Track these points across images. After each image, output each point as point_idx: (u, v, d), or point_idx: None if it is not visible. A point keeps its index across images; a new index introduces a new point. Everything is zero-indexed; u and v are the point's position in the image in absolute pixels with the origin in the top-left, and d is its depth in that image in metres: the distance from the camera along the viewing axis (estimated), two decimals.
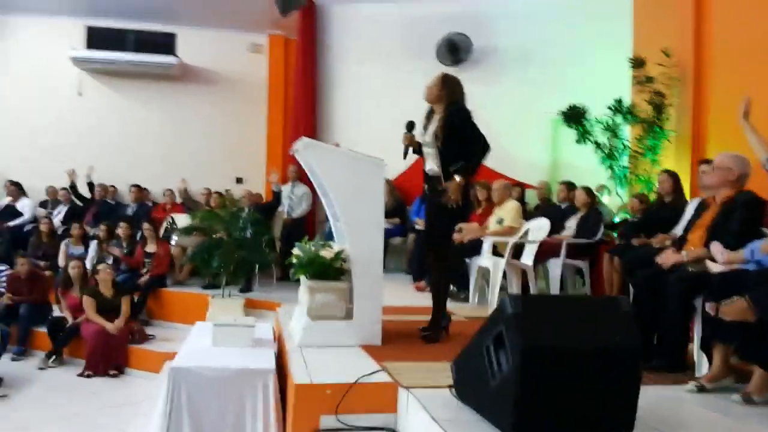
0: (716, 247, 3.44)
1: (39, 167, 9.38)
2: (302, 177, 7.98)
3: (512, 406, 2.22)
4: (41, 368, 6.27)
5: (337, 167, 3.87)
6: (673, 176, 5.72)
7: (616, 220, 6.88)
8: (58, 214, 8.93)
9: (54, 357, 6.39)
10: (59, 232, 8.43)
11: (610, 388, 2.30)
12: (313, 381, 3.08)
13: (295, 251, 3.98)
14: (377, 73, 8.94)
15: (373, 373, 3.17)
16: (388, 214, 7.32)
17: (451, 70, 8.50)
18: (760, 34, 6.05)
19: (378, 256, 3.89)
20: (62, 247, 7.84)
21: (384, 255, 3.98)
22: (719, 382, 3.09)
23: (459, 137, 3.95)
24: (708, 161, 4.91)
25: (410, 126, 4.21)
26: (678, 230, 4.72)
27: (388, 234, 7.53)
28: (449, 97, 4.06)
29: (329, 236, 5.80)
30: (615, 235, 6.40)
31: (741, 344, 3.00)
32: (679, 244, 3.82)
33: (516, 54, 8.75)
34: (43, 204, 9.28)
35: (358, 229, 3.85)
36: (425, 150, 4.17)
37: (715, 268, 3.41)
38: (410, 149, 4.20)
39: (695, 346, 3.40)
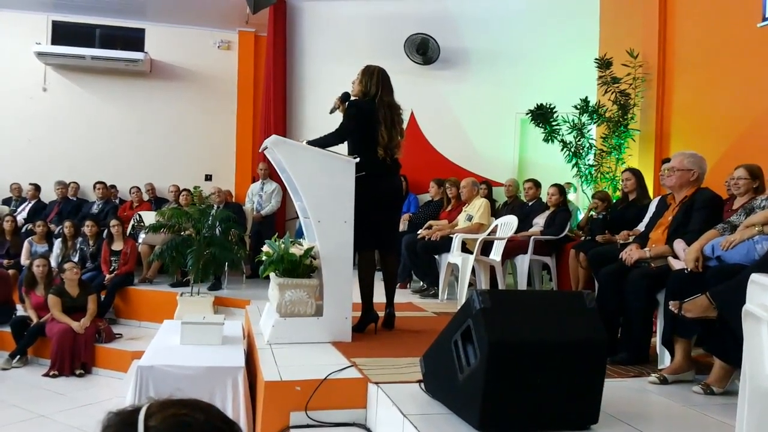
0: (679, 245, 3.51)
1: (1, 164, 9.18)
2: (272, 174, 7.95)
3: (480, 400, 2.25)
4: (5, 369, 6.14)
5: (307, 165, 3.86)
6: (637, 174, 5.82)
7: (580, 217, 6.99)
8: (22, 211, 8.75)
9: (18, 357, 6.27)
10: (23, 229, 8.25)
11: (575, 381, 2.35)
12: (282, 378, 3.08)
13: (265, 248, 3.97)
14: (347, 70, 8.84)
15: (342, 369, 3.18)
16: None
17: (421, 69, 8.66)
18: (722, 35, 6.21)
19: (348, 253, 3.90)
20: (25, 244, 7.67)
21: (354, 252, 4.00)
22: (681, 374, 3.17)
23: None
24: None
25: (345, 97, 4.34)
26: (642, 227, 4.82)
27: None
28: (363, 88, 4.16)
29: (299, 233, 5.80)
30: (580, 231, 6.52)
31: (701, 336, 3.08)
32: (642, 242, 3.90)
33: (485, 54, 8.83)
34: (6, 201, 9.08)
35: (328, 227, 3.85)
36: None
37: (676, 265, 3.47)
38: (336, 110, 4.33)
39: (658, 340, 3.48)
